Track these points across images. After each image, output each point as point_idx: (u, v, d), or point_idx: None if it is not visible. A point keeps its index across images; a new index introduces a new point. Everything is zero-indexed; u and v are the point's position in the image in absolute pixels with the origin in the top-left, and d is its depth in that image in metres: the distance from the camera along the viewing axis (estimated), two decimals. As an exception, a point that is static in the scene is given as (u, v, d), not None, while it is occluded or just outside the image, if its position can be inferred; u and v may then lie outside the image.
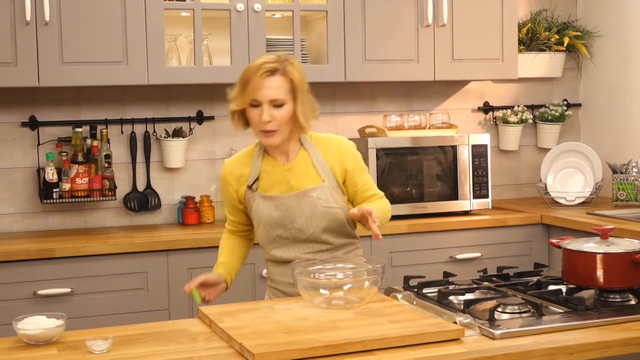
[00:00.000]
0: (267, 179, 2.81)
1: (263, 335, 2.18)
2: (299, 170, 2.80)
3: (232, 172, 2.86)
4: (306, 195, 2.78)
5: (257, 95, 2.68)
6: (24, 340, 2.25)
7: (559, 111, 5.01)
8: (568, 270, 2.58)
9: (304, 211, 2.77)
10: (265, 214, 2.79)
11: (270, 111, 2.69)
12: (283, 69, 2.70)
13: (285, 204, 2.78)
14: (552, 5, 5.10)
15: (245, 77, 2.71)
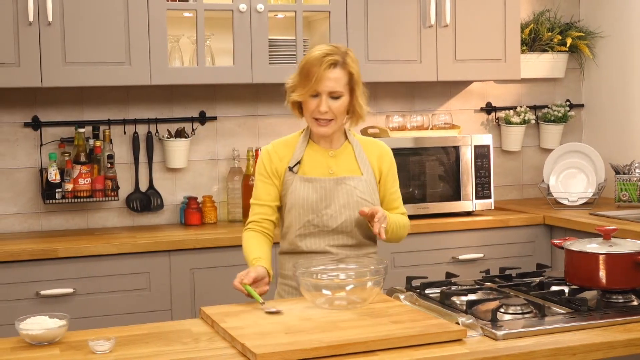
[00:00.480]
0: (310, 163, 2.86)
1: (265, 335, 2.18)
2: (341, 159, 2.88)
3: (277, 150, 2.89)
4: (344, 183, 2.84)
5: (319, 86, 2.74)
6: (27, 340, 2.25)
7: (562, 112, 5.01)
8: (571, 271, 2.57)
9: (339, 198, 2.82)
10: (302, 196, 2.82)
11: (328, 102, 2.76)
12: (343, 61, 2.77)
13: (323, 186, 2.83)
14: (555, 6, 5.10)
15: (307, 68, 2.76)
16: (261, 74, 4.16)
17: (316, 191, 2.83)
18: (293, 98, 2.82)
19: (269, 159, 2.88)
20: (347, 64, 2.78)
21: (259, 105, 4.56)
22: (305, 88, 2.76)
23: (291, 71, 4.18)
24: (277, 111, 4.59)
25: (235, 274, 3.88)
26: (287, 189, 2.85)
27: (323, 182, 2.83)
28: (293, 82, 2.82)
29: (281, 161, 2.87)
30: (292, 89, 2.83)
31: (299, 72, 2.80)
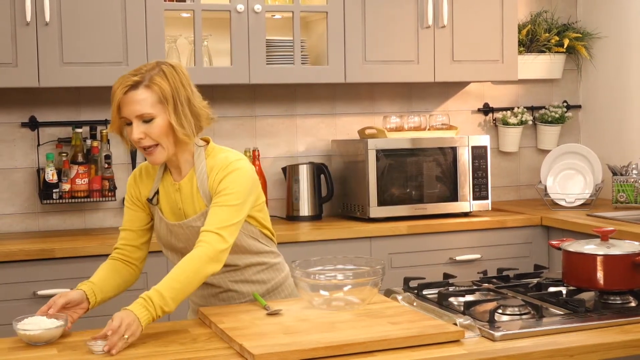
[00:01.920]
0: (163, 197, 2.64)
1: (263, 336, 2.18)
2: (185, 192, 2.60)
3: (136, 182, 2.69)
4: (190, 226, 2.58)
5: (124, 112, 2.46)
6: (24, 340, 2.25)
7: (559, 113, 5.01)
8: (568, 272, 2.57)
9: (191, 239, 2.54)
10: (161, 235, 2.66)
11: (140, 127, 2.45)
12: (148, 79, 2.45)
13: (174, 231, 2.61)
14: (552, 7, 5.10)
15: (111, 96, 2.48)
16: (258, 75, 4.16)
17: (170, 232, 2.62)
18: (109, 131, 2.56)
19: (132, 185, 2.68)
20: (155, 82, 2.45)
21: (256, 106, 4.56)
22: (113, 117, 2.48)
23: (288, 71, 4.21)
24: (274, 112, 4.59)
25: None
26: (153, 219, 2.68)
27: (172, 227, 2.61)
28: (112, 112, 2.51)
29: (140, 191, 2.67)
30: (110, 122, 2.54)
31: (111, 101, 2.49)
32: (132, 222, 2.68)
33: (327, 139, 4.69)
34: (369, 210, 4.26)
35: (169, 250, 2.70)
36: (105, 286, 2.64)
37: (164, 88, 2.46)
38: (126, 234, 2.69)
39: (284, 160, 4.61)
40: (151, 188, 2.65)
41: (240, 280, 2.69)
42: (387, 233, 4.14)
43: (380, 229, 4.14)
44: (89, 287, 2.59)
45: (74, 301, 2.50)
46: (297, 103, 4.65)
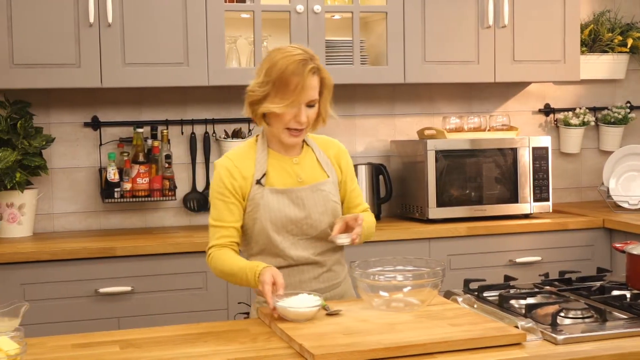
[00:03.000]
0: (276, 173, 2.67)
1: (323, 336, 2.18)
2: (306, 165, 2.72)
3: (238, 166, 2.66)
4: (318, 189, 2.69)
5: (302, 97, 2.56)
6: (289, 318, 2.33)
7: (622, 113, 4.93)
8: (633, 275, 2.53)
9: (317, 205, 2.67)
10: (277, 209, 2.63)
11: (306, 111, 2.60)
12: (318, 67, 2.60)
13: (300, 196, 2.66)
14: (616, 6, 5.02)
15: (285, 78, 2.54)
16: (318, 75, 4.15)
17: (293, 201, 2.65)
18: (269, 109, 2.56)
19: (231, 176, 2.64)
20: (321, 69, 2.61)
21: (315, 106, 4.56)
22: (286, 99, 2.54)
23: (348, 72, 4.20)
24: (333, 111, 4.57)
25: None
26: (257, 204, 2.64)
27: (298, 192, 2.66)
28: (263, 92, 2.57)
29: (244, 177, 2.65)
30: (262, 99, 2.59)
31: (274, 80, 2.55)
32: (234, 216, 2.65)
33: (386, 140, 4.68)
34: (428, 211, 4.23)
35: (278, 230, 2.65)
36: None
37: (328, 78, 2.65)
38: (227, 232, 2.65)
39: (343, 160, 4.60)
40: (253, 173, 2.65)
41: (339, 262, 2.80)
42: (446, 234, 4.11)
43: (439, 230, 4.12)
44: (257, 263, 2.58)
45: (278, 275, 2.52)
46: (356, 103, 4.64)
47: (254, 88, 2.60)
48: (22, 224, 4.04)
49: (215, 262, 2.63)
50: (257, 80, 2.60)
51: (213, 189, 2.68)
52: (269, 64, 2.58)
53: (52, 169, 4.22)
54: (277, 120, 2.60)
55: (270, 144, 2.71)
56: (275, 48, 2.64)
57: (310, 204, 2.66)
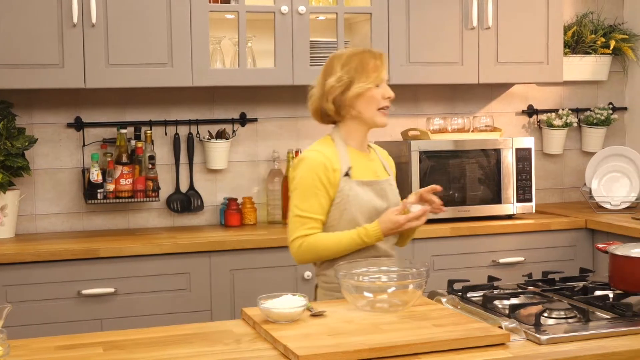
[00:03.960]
0: (358, 167, 2.88)
1: (307, 337, 2.18)
2: (375, 162, 2.98)
3: (330, 159, 2.83)
4: (391, 184, 2.97)
5: (383, 74, 2.87)
6: (271, 318, 2.34)
7: (605, 115, 4.96)
8: (615, 275, 2.54)
9: (392, 198, 2.92)
10: (366, 199, 2.84)
11: (389, 88, 2.91)
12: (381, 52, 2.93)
13: (383, 188, 2.90)
14: (599, 8, 5.05)
15: (364, 62, 2.85)
16: (302, 76, 4.16)
17: (378, 193, 2.88)
18: (362, 89, 2.83)
19: (325, 169, 2.81)
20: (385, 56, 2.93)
21: (299, 107, 4.57)
22: (371, 77, 2.84)
23: (332, 73, 4.19)
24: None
25: (274, 275, 3.92)
26: (347, 195, 2.81)
27: (381, 184, 2.90)
28: (348, 79, 2.84)
29: (335, 170, 2.82)
30: (347, 87, 2.84)
31: (355, 67, 2.84)
32: (322, 208, 2.81)
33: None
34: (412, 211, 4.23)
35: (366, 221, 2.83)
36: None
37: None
38: (317, 224, 2.81)
39: (327, 161, 4.60)
40: (340, 166, 2.83)
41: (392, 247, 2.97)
42: (430, 235, 4.12)
43: (423, 231, 4.12)
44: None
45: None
46: (340, 104, 4.64)
47: (335, 82, 2.85)
48: (4, 225, 4.02)
49: (313, 245, 2.79)
50: (334, 77, 2.85)
51: (305, 181, 2.81)
52: (340, 60, 2.87)
53: (34, 170, 4.20)
54: (370, 102, 2.87)
55: (347, 140, 2.91)
56: (335, 54, 2.95)
57: (390, 195, 2.92)
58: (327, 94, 2.87)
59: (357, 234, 2.77)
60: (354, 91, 2.83)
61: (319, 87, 2.92)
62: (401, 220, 2.77)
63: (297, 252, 2.82)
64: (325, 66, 2.92)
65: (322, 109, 2.92)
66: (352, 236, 2.77)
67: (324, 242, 2.79)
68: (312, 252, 2.81)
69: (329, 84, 2.86)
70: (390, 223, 2.77)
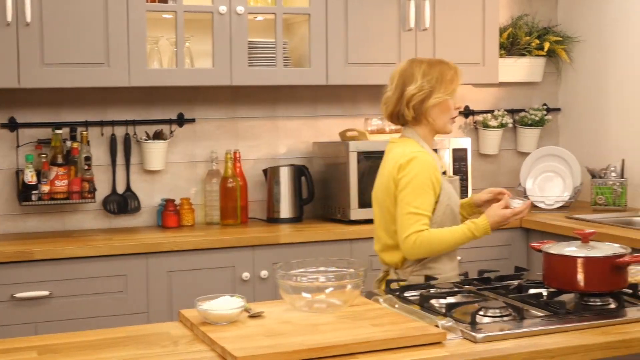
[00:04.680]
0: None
1: (245, 338, 2.18)
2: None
3: (434, 158, 3.07)
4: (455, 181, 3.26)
5: (457, 86, 3.08)
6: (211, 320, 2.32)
7: (539, 115, 5.03)
8: (549, 274, 2.59)
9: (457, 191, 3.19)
10: (455, 195, 3.10)
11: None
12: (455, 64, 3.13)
13: (455, 185, 3.20)
14: (533, 11, 5.13)
15: (443, 74, 3.05)
16: (240, 76, 4.15)
17: (456, 189, 3.16)
18: (441, 99, 3.04)
19: (435, 169, 3.01)
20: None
21: (238, 108, 4.56)
22: (449, 89, 3.05)
23: (270, 73, 4.20)
24: (256, 113, 4.58)
25: (212, 276, 3.90)
26: (446, 192, 3.05)
27: (455, 181, 3.23)
28: (429, 88, 3.04)
29: (439, 172, 3.04)
30: (427, 96, 3.04)
31: (436, 77, 3.04)
32: (432, 206, 3.00)
33: (308, 141, 4.69)
34: (350, 212, 4.26)
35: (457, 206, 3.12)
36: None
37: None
38: (429, 221, 2.98)
39: (265, 162, 4.60)
40: (438, 165, 3.07)
41: None
42: (368, 235, 4.13)
43: (361, 231, 4.14)
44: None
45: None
46: (279, 105, 4.64)
47: (416, 90, 3.04)
48: (-64, 228, 3.94)
49: (427, 240, 2.93)
50: (415, 85, 3.04)
51: (419, 179, 2.98)
52: (420, 68, 3.06)
53: (-33, 171, 4.13)
54: (444, 111, 3.08)
55: (423, 142, 3.12)
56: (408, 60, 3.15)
57: (455, 189, 3.17)
58: (408, 100, 3.05)
59: (467, 228, 2.96)
60: (432, 101, 3.04)
61: (397, 91, 3.09)
62: (508, 214, 2.97)
63: (412, 247, 2.94)
64: (403, 71, 3.10)
65: (398, 113, 3.12)
66: (463, 230, 2.96)
67: (439, 237, 2.95)
68: (427, 247, 2.95)
69: (410, 91, 3.04)
70: (497, 217, 2.97)
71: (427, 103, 3.04)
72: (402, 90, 3.07)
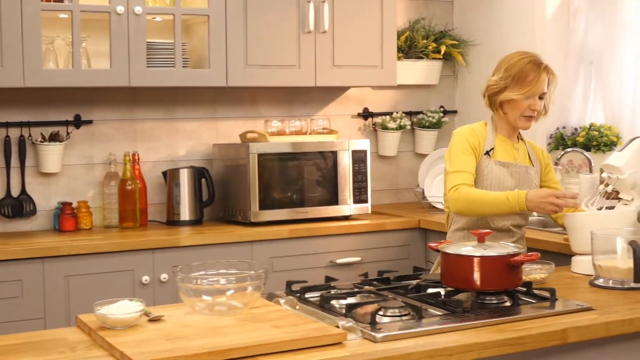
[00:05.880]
0: (501, 151, 3.28)
1: (144, 342, 2.15)
2: (522, 151, 3.34)
3: (473, 135, 3.25)
4: (527, 171, 3.30)
5: (537, 89, 3.18)
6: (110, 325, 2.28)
7: (436, 118, 5.12)
8: (446, 273, 2.63)
9: (525, 182, 3.28)
10: (499, 177, 3.24)
11: (539, 102, 3.22)
12: (548, 67, 3.23)
13: (517, 171, 3.27)
14: (430, 14, 5.22)
15: (524, 73, 3.18)
16: (139, 77, 4.10)
17: (511, 175, 3.26)
18: (510, 97, 3.19)
19: (473, 135, 3.24)
20: (550, 69, 3.23)
21: (136, 109, 4.50)
22: (524, 90, 3.18)
23: (169, 74, 4.16)
24: (155, 115, 4.54)
25: (111, 280, 3.84)
26: (482, 170, 3.23)
27: (517, 168, 3.28)
28: (504, 84, 3.20)
29: (479, 143, 3.24)
30: (501, 90, 3.21)
31: (514, 75, 3.19)
32: (472, 165, 3.21)
33: (208, 143, 4.67)
34: (250, 214, 4.26)
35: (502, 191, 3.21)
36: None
37: (554, 77, 3.26)
38: (469, 177, 3.19)
39: (165, 164, 4.56)
40: (484, 146, 3.25)
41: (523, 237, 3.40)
42: (269, 237, 4.15)
43: (261, 232, 4.15)
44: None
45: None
46: (178, 106, 4.61)
47: (494, 82, 3.24)
48: None
49: (466, 194, 3.13)
50: (497, 76, 3.24)
51: (457, 146, 3.24)
52: (507, 64, 3.23)
53: None
54: (514, 108, 3.22)
55: (498, 129, 3.31)
56: (510, 53, 3.29)
57: (522, 179, 3.27)
58: (486, 89, 3.29)
59: (505, 194, 3.10)
60: (504, 97, 3.21)
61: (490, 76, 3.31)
62: (549, 192, 3.04)
63: (454, 198, 3.16)
64: (500, 61, 3.29)
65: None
66: (501, 195, 3.10)
67: (477, 193, 3.13)
68: (466, 201, 3.14)
69: (489, 81, 3.27)
70: (537, 196, 3.04)
71: (499, 96, 3.23)
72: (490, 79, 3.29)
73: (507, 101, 3.22)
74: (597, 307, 2.53)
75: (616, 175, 3.14)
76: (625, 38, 4.40)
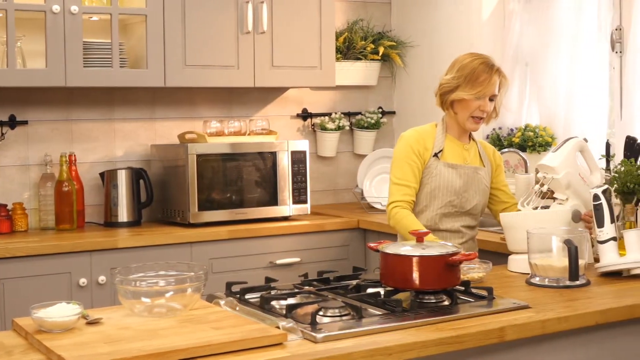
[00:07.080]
0: (450, 152, 3.32)
1: (83, 346, 2.13)
2: (471, 152, 3.38)
3: (419, 140, 3.30)
4: (477, 172, 3.35)
5: (487, 91, 3.23)
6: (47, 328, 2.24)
7: (374, 118, 5.16)
8: (386, 273, 2.65)
9: (474, 184, 3.32)
10: (447, 179, 3.28)
11: (488, 104, 3.26)
12: (499, 69, 3.27)
13: (466, 173, 3.31)
14: (368, 16, 5.25)
15: (476, 74, 3.23)
16: (75, 78, 4.05)
17: (460, 176, 3.30)
18: (460, 97, 3.24)
19: (417, 142, 3.28)
20: (502, 72, 3.28)
21: (73, 109, 4.45)
22: (475, 90, 3.23)
23: (106, 75, 4.12)
24: (91, 115, 4.48)
25: (48, 283, 3.79)
26: (431, 172, 3.28)
27: (465, 169, 3.32)
28: (455, 84, 3.25)
29: (425, 149, 3.28)
30: (453, 89, 3.26)
31: (465, 75, 3.24)
32: (415, 178, 3.27)
33: (146, 144, 4.63)
34: (189, 215, 4.24)
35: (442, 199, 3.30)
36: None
37: (506, 80, 3.31)
38: (410, 191, 3.26)
39: (102, 165, 4.51)
40: (433, 148, 3.30)
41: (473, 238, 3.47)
42: (208, 238, 4.13)
43: (200, 234, 4.13)
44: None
45: None
46: (116, 107, 4.56)
47: (447, 81, 3.29)
48: None
49: (399, 217, 3.21)
50: (449, 75, 3.29)
51: (400, 153, 3.29)
52: (460, 64, 3.28)
53: None
54: (465, 108, 3.27)
55: (448, 130, 3.36)
56: (464, 54, 3.34)
57: (471, 180, 3.32)
58: (438, 88, 3.34)
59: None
60: (455, 96, 3.26)
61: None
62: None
63: (390, 215, 3.26)
64: (453, 61, 3.33)
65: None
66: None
67: (405, 222, 3.19)
68: (397, 224, 3.23)
69: (442, 79, 3.33)
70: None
71: (450, 96, 3.28)
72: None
73: (458, 101, 3.28)
74: (534, 305, 2.57)
75: (551, 175, 3.19)
76: (558, 40, 4.48)
